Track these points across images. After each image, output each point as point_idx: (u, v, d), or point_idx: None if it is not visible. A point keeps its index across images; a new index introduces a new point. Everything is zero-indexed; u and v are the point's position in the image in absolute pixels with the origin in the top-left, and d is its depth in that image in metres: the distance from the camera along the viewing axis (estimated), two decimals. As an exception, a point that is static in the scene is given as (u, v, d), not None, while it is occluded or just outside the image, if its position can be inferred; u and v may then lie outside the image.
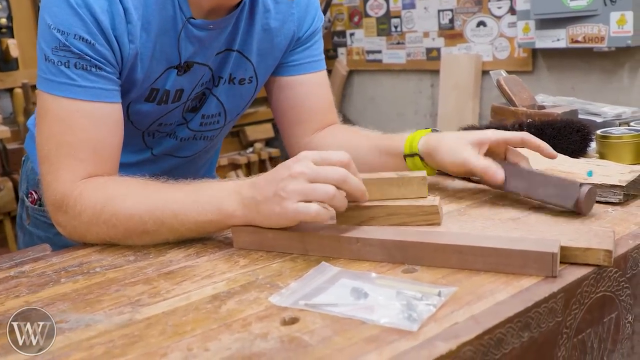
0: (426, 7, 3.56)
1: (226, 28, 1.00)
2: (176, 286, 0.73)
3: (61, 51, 0.87)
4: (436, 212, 0.82)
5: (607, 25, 2.64)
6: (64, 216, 0.89)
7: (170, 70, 0.98)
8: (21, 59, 3.06)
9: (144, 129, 1.05)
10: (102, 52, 0.89)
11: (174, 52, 0.97)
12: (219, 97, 1.08)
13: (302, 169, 0.76)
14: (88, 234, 0.89)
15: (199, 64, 1.01)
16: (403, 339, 0.56)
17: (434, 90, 3.64)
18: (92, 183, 0.89)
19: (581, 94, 2.52)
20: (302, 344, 0.57)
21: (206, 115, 1.10)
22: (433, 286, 0.66)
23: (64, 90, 0.89)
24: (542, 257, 0.67)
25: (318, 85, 1.13)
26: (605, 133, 1.14)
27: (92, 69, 0.89)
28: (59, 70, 0.88)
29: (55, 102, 0.89)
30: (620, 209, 0.89)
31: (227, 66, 1.05)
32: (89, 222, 0.87)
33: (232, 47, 1.03)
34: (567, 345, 0.68)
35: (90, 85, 0.89)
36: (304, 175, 0.76)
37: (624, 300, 0.75)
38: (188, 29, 0.96)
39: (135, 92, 0.97)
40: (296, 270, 0.75)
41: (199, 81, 1.03)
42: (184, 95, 1.03)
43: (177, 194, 0.85)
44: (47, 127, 0.90)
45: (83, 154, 0.89)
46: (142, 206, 0.85)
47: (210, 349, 0.58)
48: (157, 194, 0.85)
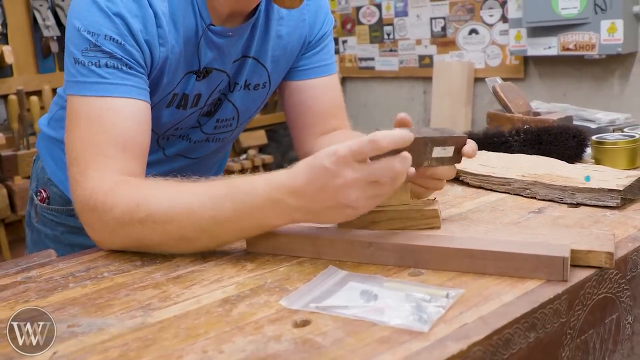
0: (418, 15, 3.60)
1: (243, 35, 1.02)
2: (186, 290, 0.74)
3: (92, 52, 0.88)
4: (436, 216, 0.83)
5: (597, 33, 2.67)
6: (93, 214, 0.86)
7: (190, 75, 1.00)
8: (16, 66, 3.05)
9: (161, 133, 1.07)
10: (131, 52, 0.90)
11: (194, 58, 0.98)
12: (234, 102, 1.10)
13: (354, 175, 0.71)
14: (118, 234, 0.85)
15: (217, 70, 1.02)
16: (414, 340, 0.57)
17: (427, 97, 3.66)
18: (123, 181, 0.86)
19: (573, 100, 2.54)
20: (315, 346, 0.58)
21: (221, 119, 1.11)
22: (441, 288, 0.67)
23: (95, 89, 0.88)
24: (553, 262, 0.68)
25: (326, 89, 1.14)
26: (600, 139, 1.17)
27: (123, 67, 0.89)
28: (89, 71, 0.88)
29: (85, 103, 0.89)
30: (618, 213, 0.91)
31: (243, 73, 1.06)
32: (121, 219, 0.83)
33: (249, 54, 1.05)
34: (570, 346, 0.69)
35: (122, 82, 0.89)
36: (361, 181, 0.71)
37: (624, 301, 0.77)
38: (208, 35, 0.97)
39: (157, 96, 0.98)
40: (304, 274, 0.76)
41: (216, 87, 1.05)
42: (202, 100, 1.04)
43: (215, 201, 0.79)
44: (76, 129, 0.90)
45: (112, 151, 0.88)
46: (180, 210, 0.80)
47: (224, 351, 0.59)
48: (195, 197, 0.81)
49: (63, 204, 1.15)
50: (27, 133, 3.08)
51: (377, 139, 0.70)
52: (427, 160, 0.81)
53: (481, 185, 1.08)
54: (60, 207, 1.15)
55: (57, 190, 1.15)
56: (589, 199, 0.95)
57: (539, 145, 1.20)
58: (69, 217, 1.14)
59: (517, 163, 1.10)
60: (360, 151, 0.70)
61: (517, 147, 1.22)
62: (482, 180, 1.08)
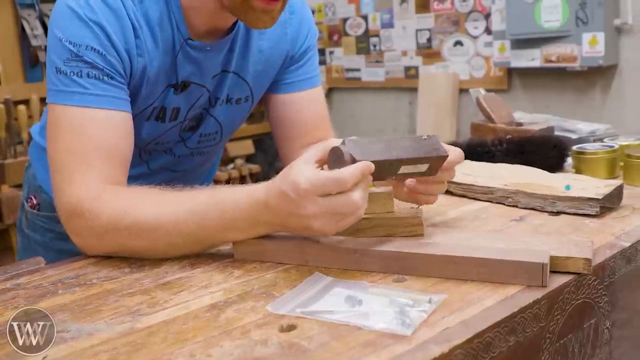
0: (404, 26, 3.64)
1: (222, 50, 1.03)
2: (174, 296, 0.75)
3: (73, 61, 0.89)
4: (420, 224, 0.85)
5: (579, 45, 2.72)
6: (79, 220, 0.87)
7: (168, 89, 1.01)
8: (3, 75, 3.05)
9: (142, 146, 1.07)
10: (112, 62, 0.91)
11: (172, 71, 0.99)
12: (217, 117, 1.11)
13: (314, 210, 0.73)
14: (105, 239, 0.87)
15: (196, 84, 1.03)
16: (398, 343, 0.59)
17: (412, 108, 3.70)
18: (110, 189, 0.88)
19: (555, 111, 2.58)
20: (301, 349, 0.59)
21: (204, 134, 1.12)
22: (424, 294, 0.69)
23: (77, 99, 0.89)
24: (533, 268, 0.70)
25: (310, 102, 1.15)
26: (581, 149, 1.19)
27: (105, 78, 0.90)
28: (71, 81, 0.89)
29: (67, 112, 0.90)
30: (597, 221, 0.93)
31: (224, 87, 1.07)
32: (108, 226, 0.85)
33: (229, 69, 1.05)
34: (550, 350, 0.71)
35: (103, 93, 0.90)
36: (323, 214, 0.74)
37: (602, 307, 0.79)
38: (185, 49, 0.98)
39: (136, 108, 0.99)
40: (290, 280, 0.77)
41: (195, 102, 1.05)
42: (181, 114, 1.05)
43: (200, 209, 0.83)
44: (59, 138, 0.91)
45: (96, 160, 0.89)
46: (166, 218, 0.83)
47: (212, 354, 0.60)
48: (180, 206, 0.84)
49: (53, 210, 1.15)
50: (14, 142, 3.06)
51: (343, 179, 0.72)
52: (393, 175, 0.84)
53: (464, 194, 1.10)
54: (50, 213, 1.15)
55: (47, 197, 1.16)
56: (569, 208, 0.98)
57: (521, 155, 1.23)
58: (58, 224, 1.14)
59: (499, 172, 1.13)
60: (324, 188, 0.73)
61: (500, 156, 1.24)
62: (465, 189, 1.10)
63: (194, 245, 0.86)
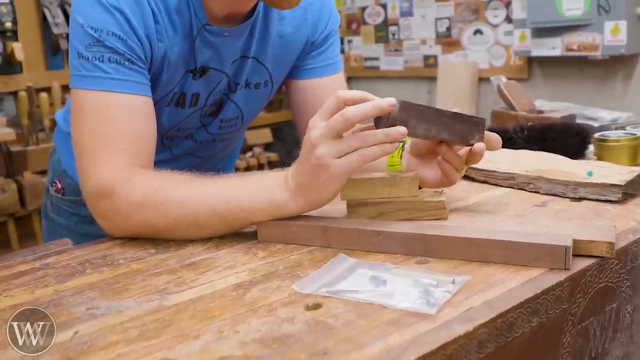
0: (424, 15, 3.62)
1: (241, 36, 1.03)
2: (200, 276, 0.77)
3: (95, 47, 0.91)
4: (443, 207, 0.86)
5: (601, 34, 2.70)
6: (107, 201, 0.89)
7: (187, 74, 1.02)
8: (25, 63, 3.08)
9: (163, 133, 1.08)
10: (133, 47, 0.92)
11: (190, 57, 1.00)
12: (237, 102, 1.12)
13: (318, 132, 0.79)
14: (132, 219, 0.88)
15: (215, 70, 1.04)
16: (422, 322, 0.60)
17: (431, 97, 3.69)
18: (139, 171, 0.90)
19: (576, 100, 2.56)
20: (327, 327, 0.61)
21: (225, 119, 1.13)
22: (447, 275, 0.69)
23: (99, 83, 0.91)
24: (556, 250, 0.71)
25: (331, 88, 1.15)
26: (603, 136, 1.19)
27: (126, 63, 0.92)
28: (93, 66, 0.91)
29: (90, 96, 0.91)
30: (620, 207, 0.93)
31: (244, 73, 1.08)
32: (138, 204, 0.87)
33: (248, 54, 1.06)
34: (572, 332, 0.72)
35: (124, 78, 0.92)
36: (325, 136, 0.78)
37: (624, 291, 0.79)
38: (203, 35, 0.99)
39: (157, 94, 1.00)
40: (314, 261, 0.79)
41: (215, 87, 1.06)
42: (200, 100, 1.06)
43: (228, 183, 0.87)
44: (83, 122, 0.92)
45: (123, 143, 0.90)
46: (195, 195, 0.86)
47: (240, 331, 0.61)
48: (209, 185, 0.87)
49: (77, 194, 1.18)
50: (36, 129, 3.11)
51: (338, 94, 0.79)
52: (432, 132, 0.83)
53: (486, 180, 1.11)
54: (75, 197, 1.17)
55: (72, 181, 1.18)
56: (591, 194, 0.98)
57: (542, 142, 1.22)
58: (82, 207, 1.16)
59: (521, 159, 1.13)
60: (326, 108, 0.80)
61: (521, 143, 1.24)
62: (486, 175, 1.10)
63: (219, 225, 0.87)
